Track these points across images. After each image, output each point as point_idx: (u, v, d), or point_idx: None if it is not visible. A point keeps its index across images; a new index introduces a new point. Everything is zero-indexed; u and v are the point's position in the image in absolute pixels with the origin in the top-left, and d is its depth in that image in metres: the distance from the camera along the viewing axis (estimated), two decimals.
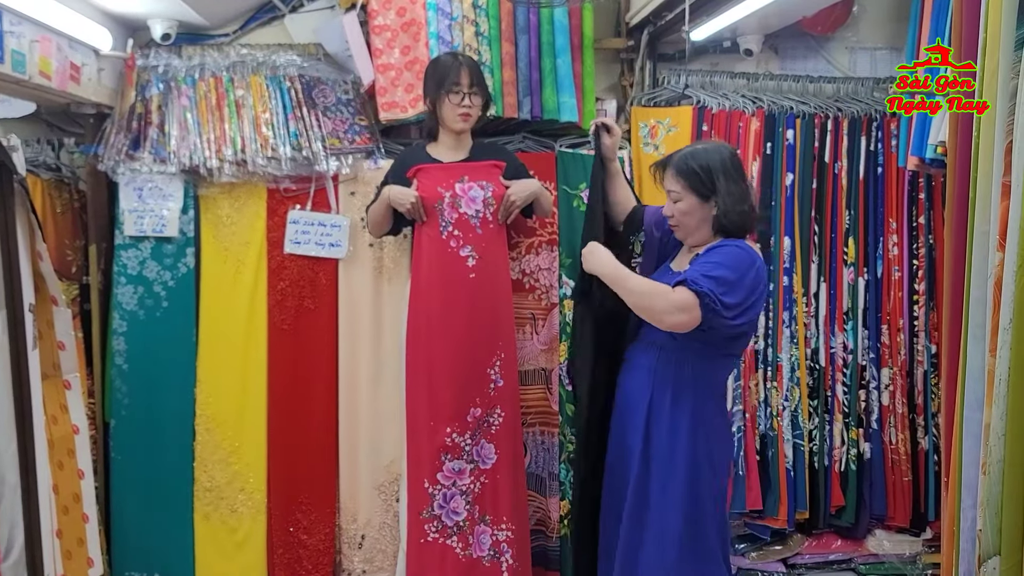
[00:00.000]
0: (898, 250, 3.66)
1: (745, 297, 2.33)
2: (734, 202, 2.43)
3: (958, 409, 1.78)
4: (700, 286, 2.28)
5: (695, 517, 2.48)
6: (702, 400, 2.51)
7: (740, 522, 3.66)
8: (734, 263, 2.35)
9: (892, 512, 3.66)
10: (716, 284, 2.29)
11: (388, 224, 3.16)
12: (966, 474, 1.77)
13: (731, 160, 2.48)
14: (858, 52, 3.99)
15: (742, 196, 2.45)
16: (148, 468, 3.42)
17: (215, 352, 3.45)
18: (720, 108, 3.61)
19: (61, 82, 2.94)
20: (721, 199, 2.43)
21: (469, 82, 3.00)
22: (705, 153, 2.49)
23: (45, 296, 2.27)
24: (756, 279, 2.37)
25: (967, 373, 1.76)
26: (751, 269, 2.37)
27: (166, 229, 3.41)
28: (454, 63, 3.02)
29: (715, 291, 2.27)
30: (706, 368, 2.51)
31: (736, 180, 2.46)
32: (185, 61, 3.45)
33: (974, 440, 1.71)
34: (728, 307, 2.28)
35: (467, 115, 3.03)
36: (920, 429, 3.68)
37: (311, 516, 3.46)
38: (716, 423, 2.56)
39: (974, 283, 1.74)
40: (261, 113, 3.36)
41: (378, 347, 3.45)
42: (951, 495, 1.82)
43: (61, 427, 2.34)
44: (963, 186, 1.81)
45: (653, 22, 3.59)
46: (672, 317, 2.32)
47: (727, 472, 2.68)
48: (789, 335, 3.64)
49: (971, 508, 1.76)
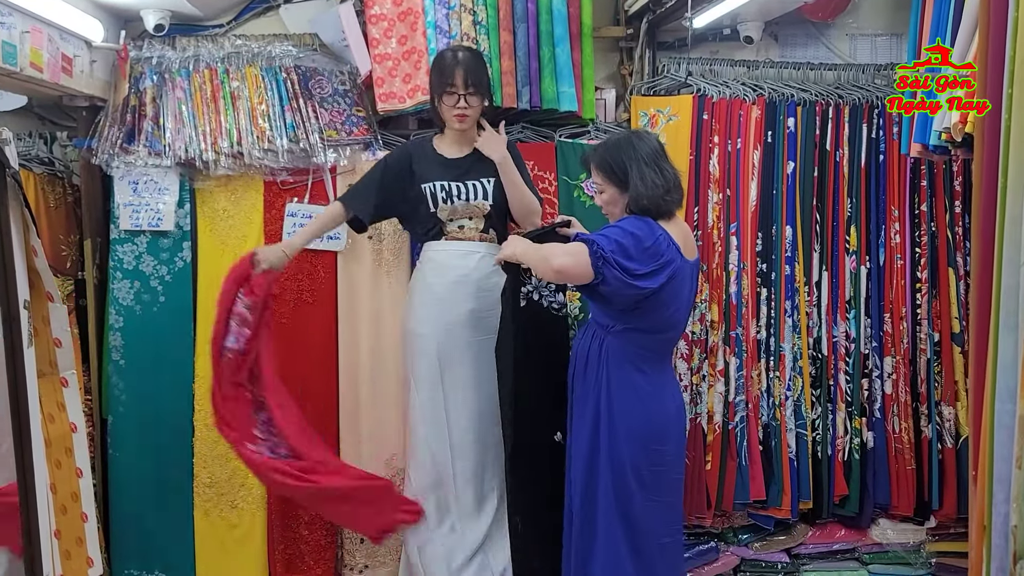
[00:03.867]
0: (900, 238, 3.64)
1: (635, 251, 2.48)
2: (645, 188, 2.58)
3: (987, 401, 1.74)
4: (589, 236, 2.53)
5: (588, 500, 2.71)
6: (612, 375, 2.67)
7: (744, 512, 3.64)
8: (628, 226, 2.55)
9: (896, 501, 3.64)
10: (606, 239, 2.50)
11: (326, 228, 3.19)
12: (998, 468, 1.74)
13: (645, 147, 2.63)
14: (859, 39, 3.96)
15: (653, 182, 2.58)
16: (147, 465, 3.39)
17: None
18: (720, 96, 3.58)
19: (53, 74, 2.90)
20: (633, 186, 2.59)
21: (464, 83, 2.92)
22: (617, 145, 2.67)
23: (40, 292, 2.23)
24: (650, 240, 2.52)
25: (998, 363, 1.72)
26: (644, 233, 2.52)
27: (162, 223, 3.37)
28: (451, 62, 2.94)
29: (603, 243, 2.47)
30: (621, 344, 2.66)
31: (649, 166, 2.59)
32: (179, 52, 3.41)
33: (1006, 433, 1.67)
34: (610, 262, 2.45)
35: (463, 116, 2.98)
36: (923, 417, 3.66)
37: (312, 511, 3.43)
38: (628, 403, 2.67)
39: (1005, 270, 1.70)
40: (257, 105, 3.32)
41: (378, 340, 3.42)
42: (981, 489, 1.78)
43: (58, 425, 2.30)
44: (991, 172, 1.76)
45: (652, 10, 3.55)
46: (559, 260, 2.55)
47: (646, 447, 2.68)
48: (791, 324, 3.61)
49: (1004, 503, 1.72)
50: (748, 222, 3.59)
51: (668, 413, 2.73)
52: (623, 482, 2.67)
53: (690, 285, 2.71)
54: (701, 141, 3.57)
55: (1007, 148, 1.66)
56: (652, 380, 2.70)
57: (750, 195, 3.58)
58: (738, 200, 3.59)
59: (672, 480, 2.77)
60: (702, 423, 3.58)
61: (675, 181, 2.65)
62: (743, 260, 3.58)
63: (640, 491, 2.68)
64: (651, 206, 2.59)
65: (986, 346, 1.76)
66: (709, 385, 3.58)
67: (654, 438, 2.68)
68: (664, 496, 2.72)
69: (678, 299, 2.64)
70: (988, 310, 1.74)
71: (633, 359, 2.68)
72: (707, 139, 3.57)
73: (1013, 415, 1.65)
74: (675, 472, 2.78)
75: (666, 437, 2.71)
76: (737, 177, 3.59)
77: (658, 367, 2.74)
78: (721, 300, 3.57)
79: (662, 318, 2.64)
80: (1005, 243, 1.67)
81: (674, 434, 2.75)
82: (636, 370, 2.69)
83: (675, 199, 2.64)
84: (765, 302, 3.60)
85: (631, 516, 2.68)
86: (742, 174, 3.59)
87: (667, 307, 2.61)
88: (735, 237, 3.57)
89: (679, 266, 2.59)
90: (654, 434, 2.68)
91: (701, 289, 3.54)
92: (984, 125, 1.88)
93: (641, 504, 2.68)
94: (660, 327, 2.68)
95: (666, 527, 2.76)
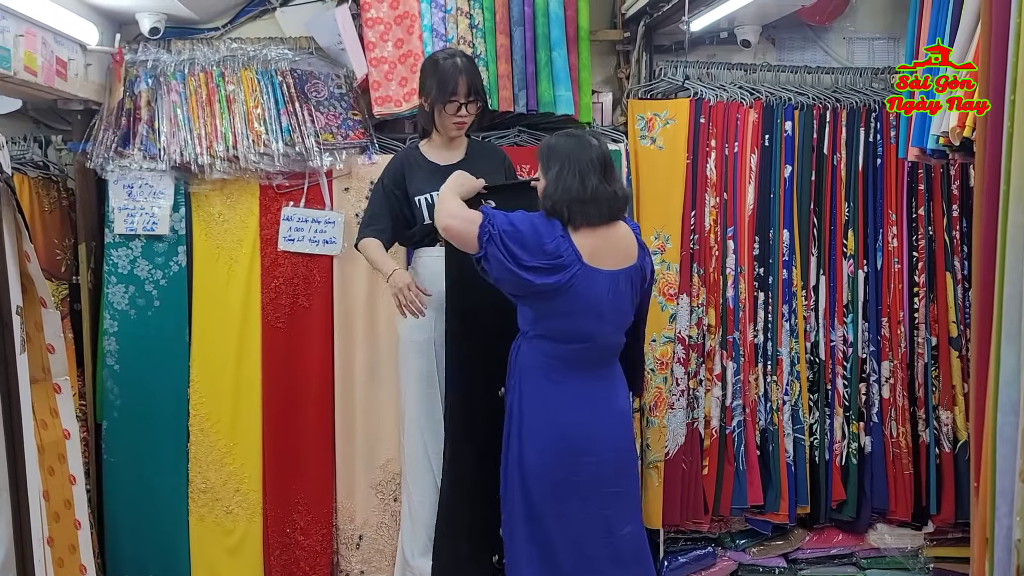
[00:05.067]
0: (898, 242, 3.63)
1: (529, 241, 2.44)
2: (555, 191, 2.51)
3: (990, 413, 1.71)
4: (490, 211, 2.52)
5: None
6: (524, 383, 2.61)
7: (741, 517, 3.63)
8: (535, 217, 2.51)
9: (893, 506, 3.63)
10: (505, 218, 2.47)
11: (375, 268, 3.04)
12: (1000, 481, 1.71)
13: (583, 154, 2.53)
14: (856, 42, 3.95)
15: (566, 187, 2.49)
16: (141, 470, 3.38)
17: (208, 352, 3.41)
18: (718, 100, 3.57)
19: (47, 78, 2.88)
20: (548, 183, 2.54)
21: (467, 91, 2.88)
22: (560, 141, 2.59)
23: (33, 298, 2.21)
24: (548, 239, 2.46)
25: (1000, 375, 1.68)
26: (544, 230, 2.47)
27: (157, 227, 3.36)
28: (453, 71, 2.88)
29: (498, 222, 2.45)
30: (533, 351, 2.60)
31: (573, 172, 2.50)
32: (174, 56, 3.39)
33: (1008, 445, 1.64)
34: (497, 241, 2.42)
35: (462, 124, 2.96)
36: (921, 422, 3.65)
37: (308, 517, 3.42)
38: (536, 413, 2.59)
39: (1007, 279, 1.66)
40: (253, 108, 3.31)
41: (374, 344, 3.41)
42: (983, 502, 1.75)
43: (51, 432, 2.29)
44: (993, 178, 1.73)
45: (649, 13, 3.55)
46: (448, 220, 2.53)
47: (539, 450, 2.59)
48: (789, 329, 3.61)
49: (1007, 516, 1.69)
50: (745, 226, 3.58)
51: (581, 424, 2.57)
52: (528, 489, 2.59)
53: (611, 296, 2.53)
54: (698, 145, 3.56)
55: (1009, 154, 1.64)
56: (563, 390, 2.58)
57: (747, 199, 3.57)
58: (735, 204, 3.58)
59: (591, 493, 2.59)
60: (699, 428, 3.57)
61: (596, 195, 2.50)
62: (740, 264, 3.57)
63: (551, 501, 2.56)
64: (555, 211, 2.50)
65: (987, 356, 1.73)
66: (706, 390, 3.57)
67: (566, 449, 2.56)
68: (580, 507, 2.57)
69: (587, 310, 2.51)
70: (990, 320, 1.71)
71: (543, 367, 2.59)
72: (704, 143, 3.56)
73: (1016, 427, 1.62)
74: (605, 487, 2.60)
75: (580, 449, 2.56)
76: (734, 181, 3.58)
77: (570, 377, 2.59)
78: (718, 304, 3.56)
79: (568, 327, 2.53)
80: (1008, 252, 1.64)
81: (598, 446, 2.58)
82: (545, 378, 2.59)
83: (589, 212, 2.50)
84: (762, 306, 3.59)
85: (539, 525, 2.58)
86: (739, 178, 3.58)
87: (572, 315, 2.51)
88: (732, 241, 3.56)
89: (581, 273, 2.47)
90: (565, 446, 2.56)
91: (698, 293, 3.54)
92: (986, 132, 1.85)
93: (552, 514, 2.57)
94: (567, 336, 2.55)
95: (593, 538, 2.60)
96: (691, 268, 3.55)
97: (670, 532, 3.62)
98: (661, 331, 3.53)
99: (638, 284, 2.64)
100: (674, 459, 3.54)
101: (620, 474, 2.65)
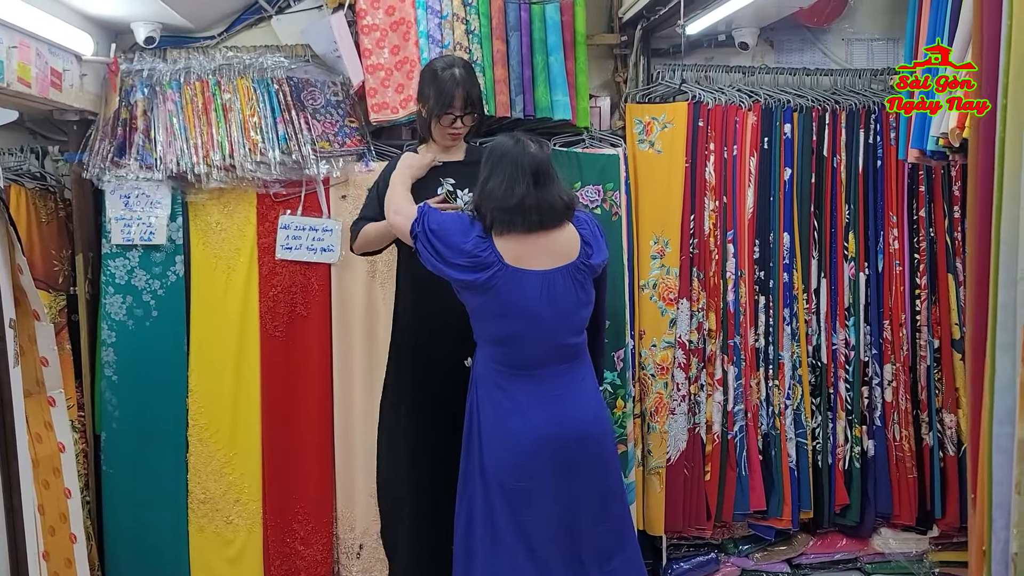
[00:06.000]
0: (899, 244, 3.61)
1: (454, 239, 2.51)
2: (479, 194, 2.56)
3: (985, 422, 1.67)
4: (424, 208, 2.60)
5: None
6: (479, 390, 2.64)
7: (744, 523, 3.61)
8: (463, 224, 2.56)
9: (898, 510, 3.61)
10: (436, 216, 2.57)
11: (383, 242, 2.97)
12: (997, 492, 1.67)
13: (511, 159, 2.53)
14: (855, 43, 3.93)
15: (492, 194, 2.51)
16: (141, 481, 3.36)
17: (207, 361, 3.39)
18: (716, 103, 3.55)
19: (41, 89, 2.87)
20: (478, 186, 2.58)
21: (463, 104, 2.85)
22: (495, 145, 2.62)
23: (26, 310, 2.20)
24: (462, 233, 2.52)
25: (995, 384, 1.65)
26: (461, 225, 2.54)
27: (154, 237, 3.34)
28: (451, 84, 2.84)
29: (428, 219, 2.55)
30: (484, 357, 2.64)
31: (498, 178, 2.51)
32: (170, 65, 3.38)
33: (1005, 456, 1.60)
34: (427, 240, 2.52)
35: (457, 135, 2.94)
36: (924, 425, 3.62)
37: (308, 526, 3.40)
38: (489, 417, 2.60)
39: (1001, 287, 1.62)
40: (249, 116, 3.29)
41: (372, 353, 3.38)
42: (980, 514, 1.72)
43: (46, 445, 2.27)
44: (986, 185, 1.71)
45: (646, 16, 3.53)
46: (391, 215, 2.70)
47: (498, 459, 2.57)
48: (790, 332, 3.58)
49: (1004, 529, 1.65)
50: (745, 229, 3.56)
51: (530, 430, 2.53)
52: (488, 490, 2.58)
53: (546, 295, 2.50)
54: (697, 148, 3.54)
55: (1001, 160, 1.61)
56: (512, 396, 2.56)
57: (747, 202, 3.55)
58: (735, 207, 3.56)
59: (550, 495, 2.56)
60: (701, 433, 3.55)
61: (523, 204, 2.48)
62: (740, 268, 3.55)
63: (503, 505, 2.55)
64: (479, 215, 2.54)
65: (983, 365, 1.70)
66: (707, 395, 3.55)
67: (516, 454, 2.53)
68: (538, 510, 2.55)
69: (519, 311, 2.50)
70: (985, 328, 1.68)
71: (492, 374, 2.60)
72: (703, 146, 3.54)
73: (1012, 438, 1.58)
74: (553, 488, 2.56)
75: (529, 455, 2.52)
76: (734, 184, 3.56)
77: (520, 384, 2.56)
78: (719, 308, 3.54)
79: (503, 329, 2.55)
80: (1001, 260, 1.61)
81: (546, 453, 2.53)
82: (495, 385, 2.59)
83: (513, 221, 2.48)
84: (763, 310, 3.57)
85: (494, 524, 2.57)
86: (739, 181, 3.56)
87: (504, 317, 2.51)
88: (732, 245, 3.54)
89: (503, 274, 2.47)
90: (516, 451, 2.53)
91: (698, 297, 3.52)
92: (978, 138, 1.83)
93: (506, 517, 2.55)
94: (504, 338, 2.56)
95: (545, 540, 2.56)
96: (691, 272, 3.53)
97: (673, 538, 3.59)
98: (661, 336, 3.51)
99: (585, 280, 2.58)
100: (676, 465, 3.52)
101: (588, 475, 2.59)
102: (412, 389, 2.94)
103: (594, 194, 3.46)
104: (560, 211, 2.55)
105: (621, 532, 2.67)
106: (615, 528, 2.65)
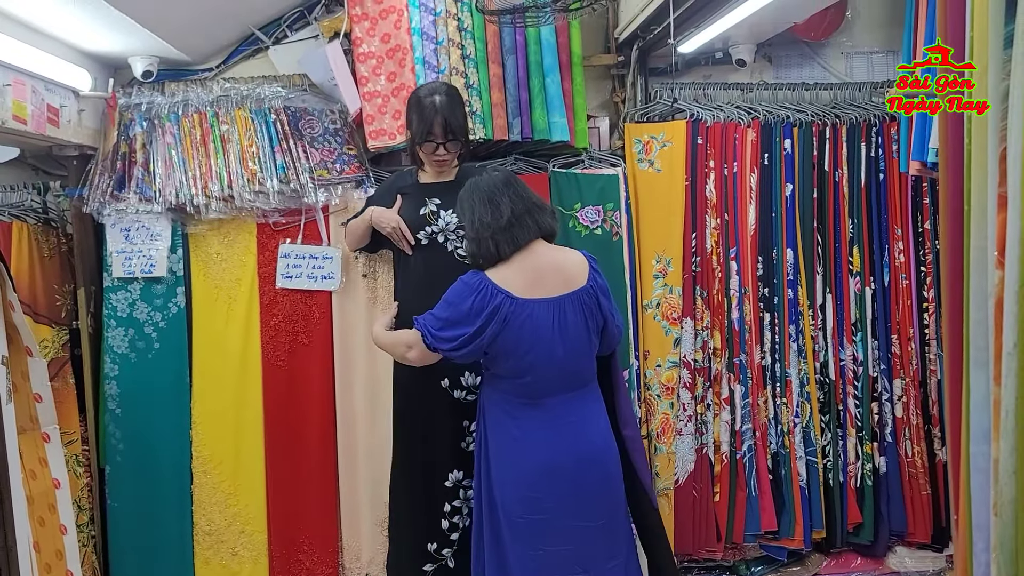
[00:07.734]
0: (904, 257, 3.56)
1: (460, 329, 2.43)
2: (472, 229, 2.53)
3: (963, 441, 1.62)
4: (418, 323, 2.51)
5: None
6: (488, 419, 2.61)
7: (755, 544, 3.55)
8: (453, 297, 2.48)
9: (912, 528, 3.55)
10: (434, 320, 2.48)
11: (366, 240, 3.13)
12: (976, 514, 1.61)
13: (479, 187, 2.54)
14: (854, 57, 3.91)
15: (482, 222, 2.49)
16: (146, 514, 3.35)
17: (210, 392, 3.39)
18: (715, 120, 3.54)
19: (38, 126, 2.89)
20: (467, 229, 2.56)
21: (443, 132, 2.85)
22: (462, 195, 2.60)
23: (19, 347, 2.20)
24: (468, 302, 2.43)
25: (971, 402, 1.59)
26: (468, 298, 2.44)
27: (155, 269, 3.35)
28: (431, 112, 2.84)
29: (430, 327, 2.47)
30: (493, 388, 2.61)
31: (485, 204, 2.50)
32: (168, 98, 3.40)
33: (982, 476, 1.54)
34: (441, 340, 2.45)
35: (441, 161, 2.94)
36: (937, 440, 3.56)
37: (313, 557, 3.38)
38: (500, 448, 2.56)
39: (973, 304, 1.57)
40: (247, 147, 3.31)
41: (374, 379, 3.37)
42: (962, 536, 1.66)
43: (41, 482, 2.26)
44: (957, 198, 1.66)
45: (642, 36, 3.52)
46: (406, 353, 2.56)
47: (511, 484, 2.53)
48: (796, 349, 3.54)
49: (984, 552, 1.59)
50: (748, 246, 3.52)
51: (541, 461, 2.49)
52: (497, 524, 2.55)
53: (558, 322, 2.46)
54: (697, 166, 3.52)
55: (968, 174, 1.57)
56: (522, 426, 2.52)
57: (749, 219, 3.52)
58: (737, 224, 3.53)
59: (563, 528, 2.50)
60: (708, 454, 3.50)
61: (515, 214, 2.47)
62: (744, 285, 3.52)
63: (514, 539, 2.51)
64: (482, 251, 2.49)
65: (960, 383, 1.65)
66: (714, 414, 3.51)
67: (527, 486, 2.49)
68: (551, 545, 2.49)
69: (532, 340, 2.44)
70: (960, 345, 1.63)
71: (502, 404, 2.56)
72: (703, 164, 3.52)
73: (988, 457, 1.52)
74: (567, 520, 2.51)
75: (540, 486, 2.48)
76: (735, 201, 3.54)
77: (530, 413, 2.52)
78: (723, 327, 3.51)
79: (518, 362, 2.47)
80: (972, 275, 1.56)
81: (558, 484, 2.48)
82: (505, 414, 2.55)
83: (516, 235, 2.47)
84: (769, 327, 3.53)
85: (504, 559, 2.54)
86: (740, 198, 3.54)
87: (517, 349, 2.45)
88: (735, 262, 3.51)
89: (513, 308, 2.43)
90: (527, 482, 2.49)
91: (702, 316, 3.49)
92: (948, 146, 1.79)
93: (517, 551, 2.51)
94: (519, 371, 2.49)
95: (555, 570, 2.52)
96: (694, 291, 3.50)
97: (683, 561, 3.54)
98: (666, 356, 3.47)
99: (593, 306, 2.54)
100: (684, 486, 3.47)
101: (599, 506, 2.54)
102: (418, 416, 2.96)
103: (594, 214, 3.45)
104: (549, 214, 2.57)
105: (631, 571, 2.62)
106: (626, 567, 2.60)
